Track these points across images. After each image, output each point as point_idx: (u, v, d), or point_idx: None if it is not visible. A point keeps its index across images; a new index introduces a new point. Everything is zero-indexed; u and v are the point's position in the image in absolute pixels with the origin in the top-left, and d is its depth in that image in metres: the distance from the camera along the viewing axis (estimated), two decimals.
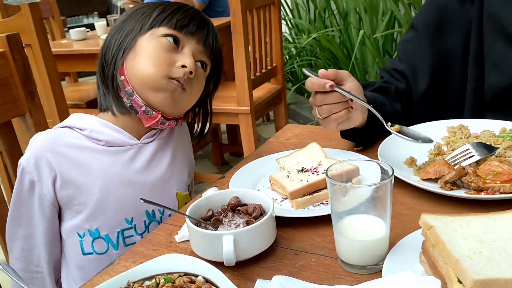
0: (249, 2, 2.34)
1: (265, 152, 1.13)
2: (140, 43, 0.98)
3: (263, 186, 0.97)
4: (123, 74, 0.98)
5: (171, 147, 1.09)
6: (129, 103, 0.99)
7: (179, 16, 0.98)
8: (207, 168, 3.29)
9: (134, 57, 0.97)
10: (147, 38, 0.98)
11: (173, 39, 0.97)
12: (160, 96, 0.97)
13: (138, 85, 0.98)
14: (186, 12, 1.00)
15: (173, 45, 0.97)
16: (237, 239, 0.72)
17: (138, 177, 1.02)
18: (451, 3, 1.14)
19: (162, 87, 0.96)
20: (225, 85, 2.91)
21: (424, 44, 1.17)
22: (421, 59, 1.16)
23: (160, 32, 0.97)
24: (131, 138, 1.03)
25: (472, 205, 0.83)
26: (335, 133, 1.20)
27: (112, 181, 1.00)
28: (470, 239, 0.63)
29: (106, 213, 1.00)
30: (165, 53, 0.96)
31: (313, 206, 0.88)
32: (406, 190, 0.91)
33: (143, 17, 0.99)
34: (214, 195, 0.84)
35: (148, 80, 0.96)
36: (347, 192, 0.69)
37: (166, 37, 0.97)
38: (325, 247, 0.78)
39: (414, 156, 0.98)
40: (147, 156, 1.04)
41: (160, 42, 0.97)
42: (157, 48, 0.96)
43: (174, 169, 1.09)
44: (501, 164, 0.84)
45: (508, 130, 1.00)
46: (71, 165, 0.97)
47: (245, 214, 0.80)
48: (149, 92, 0.97)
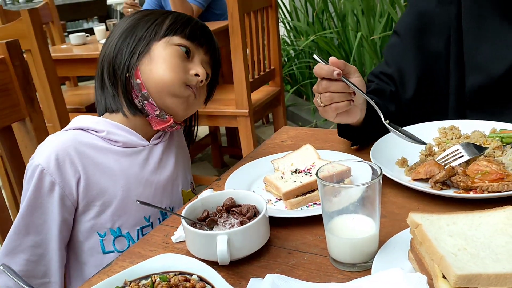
0: (246, 5, 2.36)
1: (261, 154, 1.16)
2: (155, 49, 1.02)
3: (258, 187, 0.99)
4: (139, 78, 1.02)
5: (174, 148, 1.14)
6: (140, 105, 1.03)
7: (191, 27, 1.04)
8: (207, 170, 3.31)
9: (150, 62, 1.01)
10: (162, 45, 1.02)
11: (186, 50, 1.03)
12: (176, 102, 1.03)
13: (155, 90, 1.02)
14: (196, 25, 1.06)
15: (185, 55, 1.03)
16: (231, 239, 0.74)
17: (152, 177, 1.07)
18: (430, 8, 1.16)
19: (179, 92, 1.02)
20: (224, 87, 2.93)
21: (409, 48, 1.19)
22: (407, 62, 1.18)
23: (174, 40, 1.02)
24: (142, 139, 1.07)
25: (462, 204, 0.85)
26: (329, 135, 1.23)
27: (132, 181, 1.03)
28: (456, 236, 0.65)
29: (128, 212, 1.03)
30: (180, 60, 1.02)
31: (306, 207, 0.90)
32: (398, 190, 0.93)
33: (156, 24, 1.03)
34: (209, 196, 0.86)
35: (166, 85, 1.01)
36: (337, 193, 0.71)
37: (179, 46, 1.02)
38: (317, 246, 0.80)
39: (406, 156, 1.00)
40: (157, 157, 1.08)
41: (175, 50, 1.02)
42: (173, 55, 1.01)
43: (178, 168, 1.15)
44: (489, 164, 0.86)
45: (498, 131, 1.02)
46: (94, 166, 1.00)
47: (240, 215, 0.82)
48: (166, 96, 1.02)
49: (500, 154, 0.92)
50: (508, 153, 0.90)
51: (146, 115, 1.05)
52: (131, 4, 3.25)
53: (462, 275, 0.56)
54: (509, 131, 0.99)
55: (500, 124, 1.04)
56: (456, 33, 1.13)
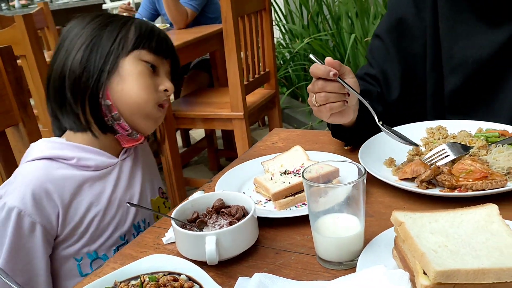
0: (240, 9, 2.38)
1: (252, 156, 1.17)
2: (124, 66, 1.00)
3: (248, 188, 1.00)
4: (109, 98, 1.00)
5: (140, 159, 1.15)
6: (110, 124, 1.03)
7: (156, 40, 1.04)
8: (203, 173, 3.32)
9: (120, 81, 1.00)
10: (130, 61, 1.01)
11: (152, 65, 1.03)
12: (149, 123, 1.05)
13: (127, 112, 1.02)
14: (160, 36, 1.05)
15: (152, 71, 1.03)
16: (219, 239, 0.75)
17: (125, 195, 1.07)
18: (408, 13, 1.19)
19: (152, 114, 1.03)
20: (219, 91, 2.95)
21: (390, 51, 1.21)
22: (390, 65, 1.20)
23: (142, 56, 1.02)
24: (112, 157, 1.06)
25: (447, 202, 0.86)
26: (320, 137, 1.24)
27: (106, 205, 1.03)
28: (437, 234, 0.66)
29: (104, 235, 1.04)
30: (150, 78, 1.02)
31: (295, 207, 0.92)
32: (385, 189, 0.94)
33: (121, 37, 1.01)
34: (199, 198, 0.87)
35: (141, 107, 1.02)
36: (322, 193, 0.73)
37: (146, 63, 1.02)
38: (305, 246, 0.81)
39: (394, 157, 1.02)
40: (127, 172, 1.09)
41: (145, 67, 1.02)
42: (143, 74, 1.01)
43: (146, 178, 1.15)
44: (473, 162, 0.88)
45: (484, 130, 1.03)
46: (71, 197, 0.99)
47: (229, 216, 0.84)
48: (138, 118, 1.03)
49: (485, 153, 0.93)
50: (493, 152, 0.92)
51: (115, 133, 1.04)
52: (126, 8, 3.27)
53: (441, 271, 0.57)
54: (494, 130, 1.01)
55: (486, 124, 1.06)
56: (433, 37, 1.15)
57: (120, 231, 1.06)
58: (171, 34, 3.02)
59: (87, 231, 1.02)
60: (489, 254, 0.61)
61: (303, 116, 3.61)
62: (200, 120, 2.63)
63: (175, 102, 2.93)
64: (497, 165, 0.88)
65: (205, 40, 2.83)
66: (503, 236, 0.64)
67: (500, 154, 0.90)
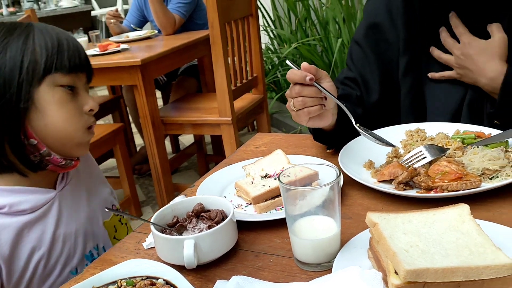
0: (227, 15, 2.40)
1: (235, 160, 1.18)
2: (40, 97, 0.89)
3: (230, 192, 1.01)
4: (33, 137, 0.91)
5: (82, 181, 1.07)
6: (37, 160, 0.94)
7: (68, 56, 0.92)
8: (193, 179, 3.32)
9: (40, 116, 0.90)
10: (45, 90, 0.90)
11: (70, 87, 0.93)
12: (82, 148, 0.99)
13: (57, 145, 0.94)
14: (70, 49, 0.93)
15: (71, 93, 0.94)
16: (198, 243, 0.76)
17: (69, 227, 0.99)
18: (383, 19, 1.21)
19: (83, 140, 0.97)
20: (207, 96, 2.97)
21: (369, 55, 1.23)
22: (369, 68, 1.23)
23: (56, 80, 0.91)
24: (48, 191, 0.98)
25: (423, 203, 0.87)
26: (302, 140, 1.25)
27: (50, 244, 0.96)
28: (410, 234, 0.67)
29: (52, 275, 0.98)
30: (71, 103, 0.93)
31: (275, 210, 0.93)
32: (364, 192, 0.95)
33: (29, 63, 0.88)
34: (179, 202, 0.88)
35: (70, 138, 0.95)
36: (298, 196, 0.74)
37: (63, 87, 0.92)
38: (283, 248, 0.82)
39: (374, 159, 1.03)
40: (69, 202, 1.01)
41: (63, 93, 0.92)
42: (63, 101, 0.92)
43: (94, 200, 1.08)
44: (449, 164, 0.89)
45: (462, 132, 1.05)
46: (10, 249, 0.91)
47: (208, 220, 0.84)
48: (71, 149, 0.96)
49: (461, 154, 0.95)
50: (468, 154, 0.93)
51: (47, 166, 0.95)
52: (114, 15, 3.27)
53: (410, 270, 0.59)
54: (471, 132, 1.03)
55: (463, 126, 1.08)
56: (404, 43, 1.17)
57: (70, 266, 0.99)
58: (159, 40, 3.03)
59: (34, 276, 0.95)
60: (459, 253, 0.62)
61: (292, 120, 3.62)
62: (189, 125, 2.64)
63: (164, 108, 2.94)
64: (472, 166, 0.90)
65: (193, 46, 2.85)
66: (473, 235, 0.65)
67: (475, 155, 0.91)
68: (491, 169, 0.88)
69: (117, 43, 2.85)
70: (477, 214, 0.82)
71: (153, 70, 2.53)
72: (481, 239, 0.64)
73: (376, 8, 1.24)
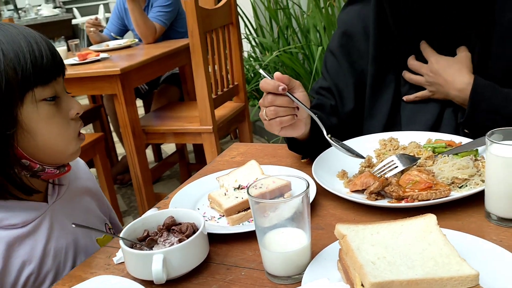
0: (207, 23, 2.40)
1: (210, 171, 1.17)
2: (25, 117, 0.84)
3: (203, 204, 1.01)
4: (24, 158, 0.88)
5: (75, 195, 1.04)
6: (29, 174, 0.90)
7: (45, 65, 0.85)
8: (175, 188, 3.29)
9: (30, 137, 0.86)
10: (28, 109, 0.84)
11: (52, 98, 0.87)
12: (74, 155, 0.96)
13: (50, 159, 0.91)
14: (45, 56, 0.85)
15: (54, 102, 0.88)
16: (167, 258, 0.75)
17: (60, 242, 0.96)
18: (356, 30, 1.23)
19: (76, 148, 0.95)
20: (189, 105, 2.95)
21: (343, 65, 1.24)
22: (343, 78, 1.24)
23: (38, 95, 0.85)
24: (39, 205, 0.94)
25: (395, 213, 0.88)
26: (278, 150, 1.26)
27: (41, 259, 0.93)
28: (377, 246, 0.67)
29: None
30: (57, 114, 0.89)
31: (248, 222, 0.92)
32: (337, 202, 0.95)
33: (6, 82, 0.81)
34: (149, 216, 0.87)
35: (63, 151, 0.92)
36: (268, 208, 0.73)
37: (45, 100, 0.86)
38: (255, 261, 0.81)
39: (347, 169, 1.03)
40: (60, 215, 0.98)
41: (47, 105, 0.87)
42: (49, 115, 0.87)
43: (90, 216, 1.06)
44: (419, 173, 0.90)
45: (434, 141, 1.06)
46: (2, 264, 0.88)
47: (179, 233, 0.83)
48: (65, 159, 0.94)
49: (431, 163, 0.96)
50: (438, 163, 0.94)
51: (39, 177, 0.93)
52: (94, 23, 3.25)
53: (376, 283, 0.59)
54: (442, 141, 1.04)
55: (435, 135, 1.09)
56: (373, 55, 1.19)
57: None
58: (139, 49, 3.02)
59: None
60: (424, 264, 0.62)
61: None
62: (170, 134, 2.63)
63: (145, 117, 2.92)
64: (442, 175, 0.91)
65: (174, 55, 2.84)
66: (439, 245, 0.66)
67: (445, 164, 0.92)
68: (460, 178, 0.89)
69: (97, 52, 2.82)
70: (447, 223, 0.83)
71: (133, 79, 2.51)
72: (447, 249, 0.65)
73: (351, 17, 1.25)
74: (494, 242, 0.73)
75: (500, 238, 0.77)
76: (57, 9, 6.67)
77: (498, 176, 0.77)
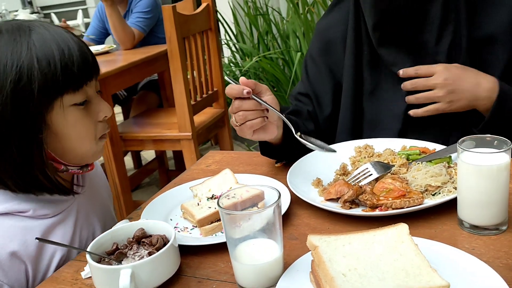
0: (185, 29, 2.38)
1: (184, 180, 1.15)
2: (54, 121, 0.86)
3: (176, 215, 0.98)
4: (52, 158, 0.91)
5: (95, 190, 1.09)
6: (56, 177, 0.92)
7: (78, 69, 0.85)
8: None
9: (57, 139, 0.88)
10: (57, 113, 0.86)
11: (82, 103, 0.89)
12: (96, 156, 0.98)
13: (74, 161, 0.94)
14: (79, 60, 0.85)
15: (83, 106, 0.90)
16: (136, 272, 0.73)
17: (83, 233, 1.00)
18: (335, 37, 1.23)
19: (98, 149, 0.97)
20: (168, 111, 2.92)
21: (322, 70, 1.25)
22: (322, 83, 1.24)
23: (68, 100, 0.86)
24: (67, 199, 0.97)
25: (369, 222, 0.87)
26: (253, 158, 1.24)
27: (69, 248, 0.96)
28: (349, 257, 0.66)
29: None
30: (86, 119, 0.90)
31: (221, 233, 0.90)
32: (311, 211, 0.94)
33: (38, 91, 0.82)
34: (119, 228, 0.84)
35: (86, 154, 0.95)
36: (238, 219, 0.72)
37: (75, 105, 0.87)
38: (227, 273, 0.80)
39: (322, 177, 1.03)
40: (84, 208, 1.02)
41: (76, 110, 0.88)
42: (77, 121, 0.88)
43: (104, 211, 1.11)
44: (393, 181, 0.90)
45: (408, 148, 1.06)
46: (36, 250, 0.91)
47: (150, 246, 0.81)
48: (87, 160, 0.97)
49: (405, 171, 0.96)
50: (412, 170, 0.94)
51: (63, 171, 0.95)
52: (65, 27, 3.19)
53: None
54: (416, 148, 1.04)
55: (410, 141, 1.09)
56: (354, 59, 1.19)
57: None
58: (117, 55, 2.98)
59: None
60: (395, 275, 0.62)
61: None
62: (149, 141, 2.59)
63: (123, 124, 2.87)
64: (415, 183, 0.90)
65: (153, 61, 2.81)
66: (411, 256, 0.65)
67: (418, 172, 0.92)
68: (433, 185, 0.89)
69: None
70: (420, 231, 0.83)
71: (111, 85, 2.47)
72: (418, 260, 0.64)
73: (329, 23, 1.26)
74: (466, 251, 0.73)
75: (472, 246, 0.77)
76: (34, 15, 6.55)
77: (470, 184, 0.77)
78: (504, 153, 0.75)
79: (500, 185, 0.76)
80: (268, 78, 3.68)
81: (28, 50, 0.82)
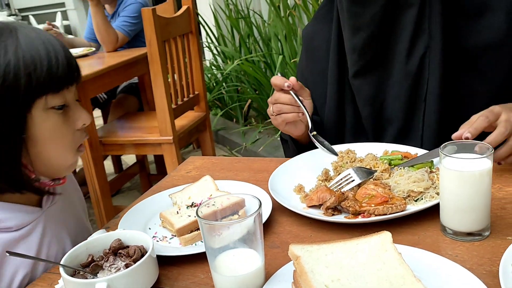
0: (165, 32, 2.35)
1: (164, 187, 1.12)
2: (32, 125, 0.83)
3: (155, 224, 0.96)
4: (24, 165, 0.86)
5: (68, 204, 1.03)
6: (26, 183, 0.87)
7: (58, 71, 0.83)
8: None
9: (33, 144, 0.84)
10: (36, 116, 0.82)
11: (61, 107, 0.85)
12: (71, 168, 0.94)
13: (48, 171, 0.90)
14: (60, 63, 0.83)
15: (62, 111, 0.87)
16: (112, 285, 0.70)
17: (52, 249, 0.94)
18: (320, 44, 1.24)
19: (74, 161, 0.92)
20: (148, 115, 2.88)
21: (314, 72, 1.26)
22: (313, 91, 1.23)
23: (48, 103, 0.83)
24: (33, 210, 0.92)
25: (352, 229, 0.86)
26: (234, 164, 1.22)
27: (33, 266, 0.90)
28: (332, 267, 0.65)
29: None
30: (64, 125, 0.87)
31: (201, 242, 0.88)
32: (293, 218, 0.93)
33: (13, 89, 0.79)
34: (94, 239, 0.81)
35: (62, 164, 0.90)
36: (218, 229, 0.70)
37: (54, 108, 0.84)
38: (207, 284, 0.77)
39: (304, 183, 1.01)
40: (53, 222, 0.95)
41: (55, 114, 0.85)
42: (56, 125, 0.85)
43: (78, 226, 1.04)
44: (376, 187, 0.88)
45: (390, 152, 1.05)
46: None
47: (127, 257, 0.78)
48: (61, 172, 0.92)
49: (388, 176, 0.95)
50: (394, 175, 0.93)
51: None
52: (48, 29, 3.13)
53: None
54: (398, 152, 1.03)
55: (392, 146, 1.08)
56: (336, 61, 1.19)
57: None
58: (97, 58, 2.92)
59: None
60: (379, 286, 0.60)
61: (237, 137, 3.60)
62: (130, 145, 2.55)
63: (103, 128, 2.82)
64: (398, 188, 0.89)
65: (133, 64, 2.77)
66: (394, 265, 0.64)
67: (401, 177, 0.91)
68: (416, 191, 0.88)
69: None
70: (403, 238, 0.82)
71: (89, 88, 2.43)
72: (402, 269, 0.63)
73: (313, 31, 1.28)
74: (449, 258, 0.72)
75: (455, 252, 0.76)
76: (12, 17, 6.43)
77: (452, 190, 0.77)
78: (486, 158, 0.75)
79: (482, 191, 0.76)
80: (250, 81, 3.67)
81: (14, 49, 0.80)
